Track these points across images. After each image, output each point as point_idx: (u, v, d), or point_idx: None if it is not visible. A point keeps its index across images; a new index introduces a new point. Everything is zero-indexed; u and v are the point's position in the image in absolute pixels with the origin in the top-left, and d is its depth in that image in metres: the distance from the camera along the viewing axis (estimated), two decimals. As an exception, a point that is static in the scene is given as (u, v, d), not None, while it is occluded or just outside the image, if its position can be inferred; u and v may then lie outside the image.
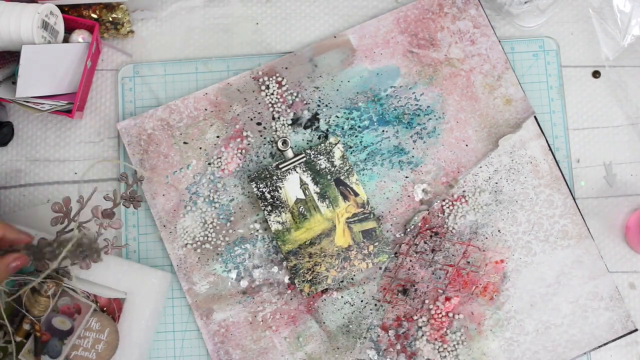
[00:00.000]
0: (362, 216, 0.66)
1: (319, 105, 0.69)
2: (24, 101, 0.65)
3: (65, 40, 0.69)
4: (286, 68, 0.70)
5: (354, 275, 0.67)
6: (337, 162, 0.67)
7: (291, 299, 0.67)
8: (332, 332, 0.67)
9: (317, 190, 0.66)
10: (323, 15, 0.72)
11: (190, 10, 0.72)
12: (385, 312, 0.67)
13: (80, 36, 0.68)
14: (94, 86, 0.71)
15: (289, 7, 0.72)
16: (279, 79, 0.70)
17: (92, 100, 0.71)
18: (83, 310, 0.64)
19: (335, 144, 0.67)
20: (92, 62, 0.69)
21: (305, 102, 0.69)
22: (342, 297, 0.67)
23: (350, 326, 0.67)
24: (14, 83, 0.67)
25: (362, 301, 0.67)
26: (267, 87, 0.70)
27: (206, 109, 0.69)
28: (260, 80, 0.70)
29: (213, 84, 0.70)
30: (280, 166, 0.66)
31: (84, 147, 0.71)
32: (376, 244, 0.66)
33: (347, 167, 0.67)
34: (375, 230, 0.66)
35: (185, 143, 0.69)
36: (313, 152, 0.67)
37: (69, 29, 0.69)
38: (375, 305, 0.67)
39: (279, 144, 0.66)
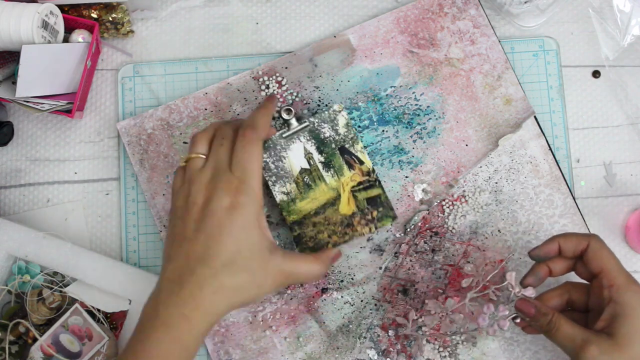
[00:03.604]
0: (368, 184, 0.66)
1: (319, 105, 0.69)
2: (24, 101, 0.65)
3: (65, 40, 0.69)
4: (286, 68, 0.70)
5: (354, 276, 0.67)
6: (342, 130, 0.66)
7: (291, 299, 0.67)
8: (332, 332, 0.67)
9: (322, 159, 0.66)
10: (323, 15, 0.72)
11: (190, 10, 0.72)
12: (385, 312, 0.67)
13: (80, 36, 0.68)
14: (94, 86, 0.71)
15: (289, 7, 0.72)
16: (279, 78, 0.70)
17: (92, 100, 0.71)
18: (95, 339, 0.63)
19: (339, 112, 0.66)
20: (92, 62, 0.69)
21: (305, 101, 0.69)
22: (342, 297, 0.67)
23: (350, 326, 0.67)
24: (14, 83, 0.67)
25: (362, 301, 0.67)
26: (267, 87, 0.70)
27: (206, 109, 0.69)
28: (260, 80, 0.70)
29: (213, 84, 0.70)
30: (284, 135, 0.66)
31: (84, 147, 0.71)
32: (380, 209, 0.66)
33: (352, 135, 0.66)
34: (380, 196, 0.66)
35: (185, 143, 0.69)
36: (317, 120, 0.66)
37: (69, 29, 0.69)
38: (375, 305, 0.67)
39: (283, 113, 0.66)
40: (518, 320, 0.59)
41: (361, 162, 0.66)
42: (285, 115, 0.67)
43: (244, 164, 0.56)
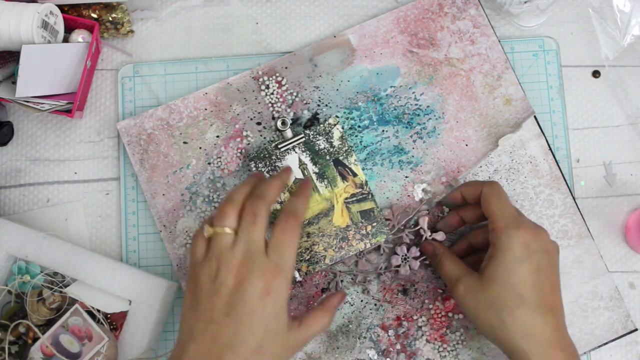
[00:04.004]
0: (361, 196, 0.66)
1: (318, 105, 0.69)
2: (24, 101, 0.65)
3: (65, 40, 0.69)
4: (286, 68, 0.70)
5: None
6: (336, 143, 0.67)
7: (291, 299, 0.67)
8: (332, 332, 0.67)
9: (316, 170, 0.66)
10: (323, 15, 0.72)
11: (190, 10, 0.72)
12: (385, 312, 0.67)
13: (80, 36, 0.68)
14: (93, 86, 0.71)
15: (289, 7, 0.72)
16: (279, 78, 0.70)
17: (92, 100, 0.71)
18: (94, 339, 0.63)
19: (335, 125, 0.67)
20: (92, 62, 0.69)
21: (305, 101, 0.69)
22: (342, 296, 0.67)
23: (350, 326, 0.67)
24: (14, 83, 0.67)
25: (362, 301, 0.67)
26: (267, 87, 0.70)
27: (206, 109, 0.69)
28: (260, 80, 0.70)
29: (213, 84, 0.70)
30: (279, 146, 0.66)
31: (84, 147, 0.71)
32: (374, 224, 0.66)
33: (346, 148, 0.67)
34: (373, 210, 0.66)
35: (185, 143, 0.69)
36: (312, 132, 0.67)
37: (69, 29, 0.69)
38: (375, 305, 0.67)
39: (278, 123, 0.67)
40: (428, 262, 0.66)
41: (354, 174, 0.66)
42: (280, 126, 0.67)
43: (283, 249, 0.54)
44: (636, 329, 0.67)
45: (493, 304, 0.55)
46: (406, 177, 0.68)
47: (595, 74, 0.71)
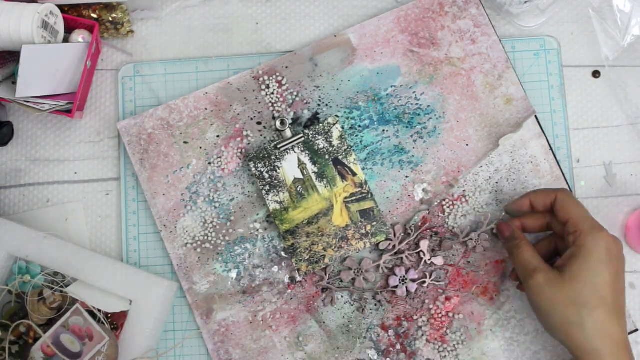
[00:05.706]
0: (360, 196, 0.66)
1: (319, 105, 0.69)
2: (24, 101, 0.65)
3: (65, 40, 0.69)
4: (286, 67, 0.70)
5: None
6: (336, 142, 0.67)
7: (291, 299, 0.67)
8: (332, 331, 0.67)
9: (315, 170, 0.66)
10: (323, 15, 0.72)
11: (190, 10, 0.72)
12: (385, 312, 0.67)
13: (80, 36, 0.68)
14: (94, 86, 0.71)
15: (289, 7, 0.72)
16: (279, 78, 0.70)
17: (92, 100, 0.71)
18: (95, 339, 0.63)
19: (334, 124, 0.67)
20: (92, 62, 0.69)
21: (305, 101, 0.69)
22: (342, 296, 0.67)
23: (350, 326, 0.67)
24: (14, 83, 0.67)
25: (362, 301, 0.67)
26: (268, 87, 0.69)
27: (206, 109, 0.69)
28: (261, 79, 0.70)
29: (213, 84, 0.70)
30: (278, 146, 0.66)
31: (84, 147, 0.71)
32: (374, 223, 0.66)
33: (345, 147, 0.67)
34: (373, 210, 0.66)
35: (185, 142, 0.69)
36: (311, 132, 0.67)
37: (69, 29, 0.69)
38: (375, 305, 0.67)
39: (277, 123, 0.67)
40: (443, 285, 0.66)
41: (354, 174, 0.66)
42: (279, 126, 0.67)
43: None
44: (636, 329, 0.67)
45: (574, 301, 0.56)
46: (406, 177, 0.68)
47: (596, 74, 0.71)
